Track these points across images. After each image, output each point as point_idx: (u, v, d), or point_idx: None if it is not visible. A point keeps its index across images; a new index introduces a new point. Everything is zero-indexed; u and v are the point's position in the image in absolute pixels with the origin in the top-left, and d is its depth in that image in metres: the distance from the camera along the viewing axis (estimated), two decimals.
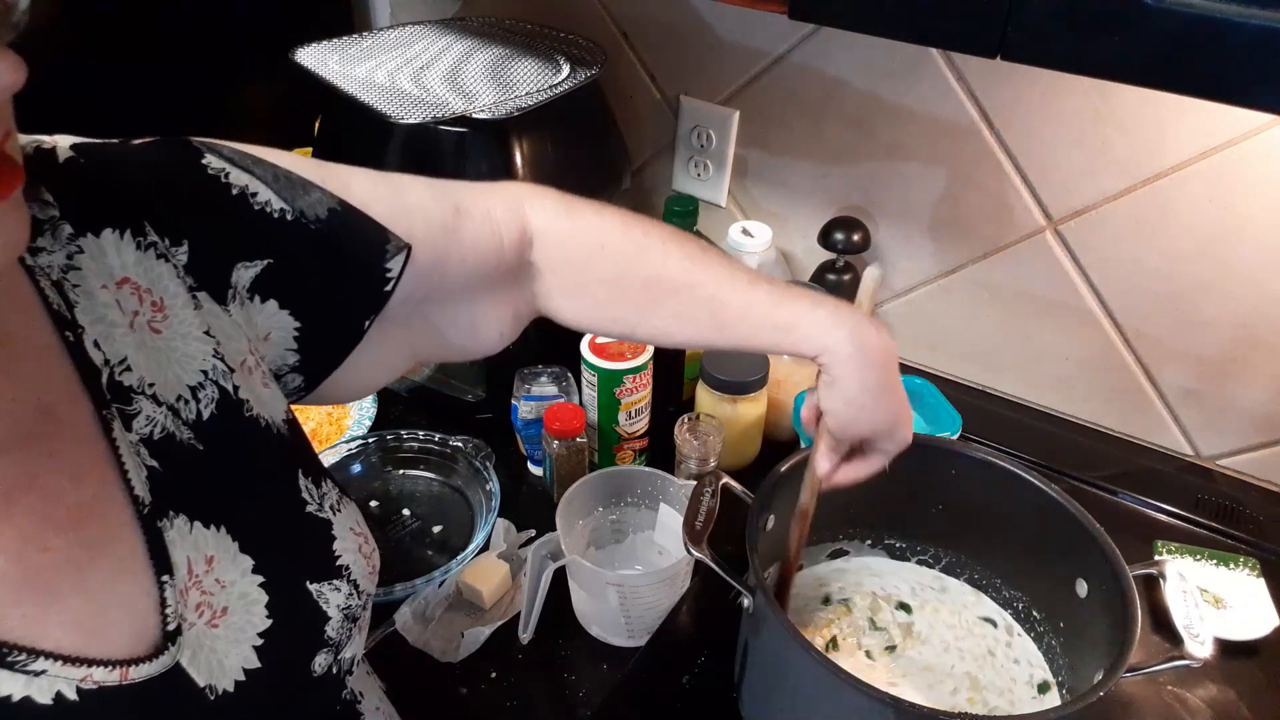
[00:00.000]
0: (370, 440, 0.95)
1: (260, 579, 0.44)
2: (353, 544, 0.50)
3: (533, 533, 0.88)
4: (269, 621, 0.44)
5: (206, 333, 0.45)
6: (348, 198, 0.50)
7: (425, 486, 0.95)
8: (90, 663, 0.37)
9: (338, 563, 0.49)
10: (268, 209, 0.46)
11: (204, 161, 0.45)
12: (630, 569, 0.83)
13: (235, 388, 0.45)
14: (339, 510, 0.51)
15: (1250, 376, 0.91)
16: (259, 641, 0.44)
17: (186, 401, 0.43)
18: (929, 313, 1.07)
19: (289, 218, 0.47)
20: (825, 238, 1.00)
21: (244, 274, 0.46)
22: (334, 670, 0.49)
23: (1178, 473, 0.97)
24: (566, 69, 0.92)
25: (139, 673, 0.39)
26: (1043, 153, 0.91)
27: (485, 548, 0.85)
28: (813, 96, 1.01)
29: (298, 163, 0.50)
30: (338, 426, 1.00)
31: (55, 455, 0.38)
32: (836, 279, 1.02)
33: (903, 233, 1.04)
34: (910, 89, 0.95)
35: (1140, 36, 0.50)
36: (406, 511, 0.91)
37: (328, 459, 0.92)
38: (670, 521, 0.81)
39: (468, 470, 0.93)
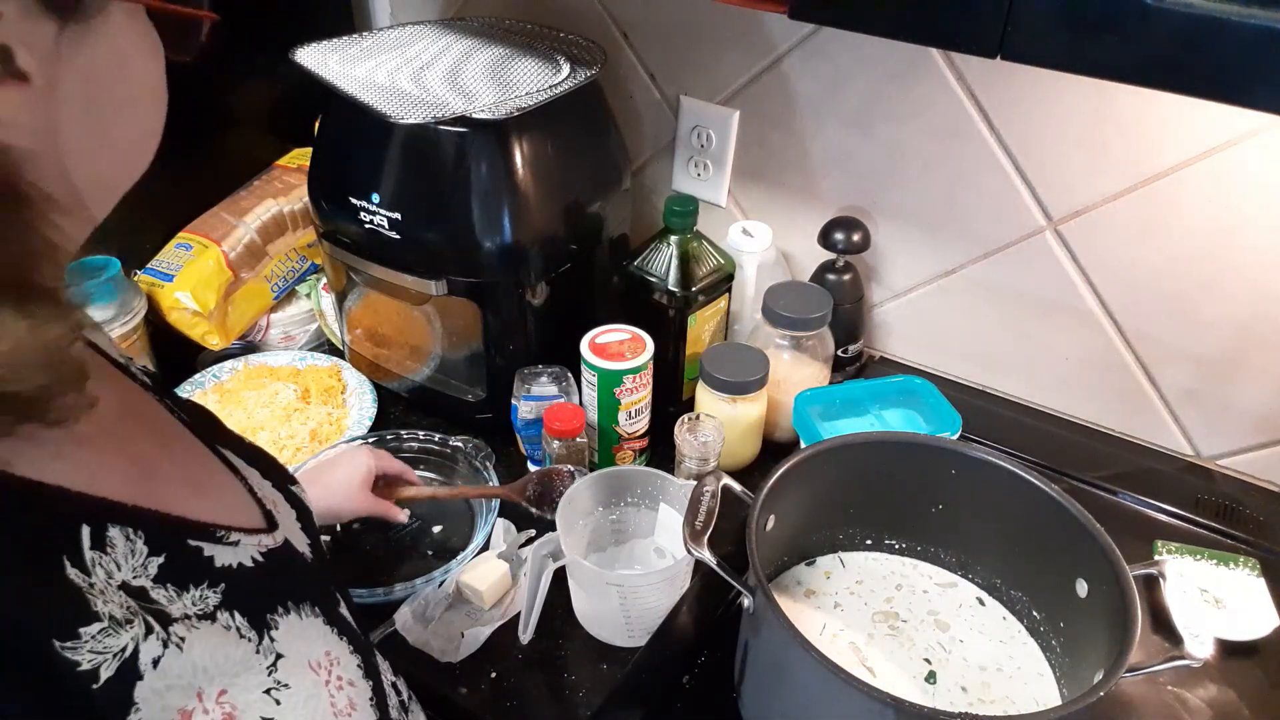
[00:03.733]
0: (370, 440, 0.95)
1: (270, 483, 0.53)
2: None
3: (533, 533, 0.88)
4: (295, 512, 0.53)
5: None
6: None
7: (425, 486, 0.95)
8: (249, 530, 0.45)
9: (289, 470, 0.58)
10: None
11: None
12: (630, 569, 0.83)
13: (130, 359, 0.51)
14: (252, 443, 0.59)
15: (1250, 376, 0.91)
16: (301, 525, 0.53)
17: (141, 374, 0.50)
18: (929, 313, 1.07)
19: None
20: (825, 238, 1.00)
21: None
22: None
23: (1178, 473, 0.97)
24: (566, 69, 0.92)
25: (271, 540, 0.46)
26: (1043, 153, 0.91)
27: (485, 548, 0.85)
28: (813, 96, 1.01)
29: None
30: (337, 427, 1.00)
31: (158, 433, 0.46)
32: (836, 279, 1.02)
33: (903, 233, 1.04)
34: (910, 89, 0.95)
35: (1140, 36, 0.50)
36: (406, 511, 0.91)
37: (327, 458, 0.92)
38: (670, 521, 0.81)
39: (468, 470, 0.93)
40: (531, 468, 0.96)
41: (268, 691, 0.39)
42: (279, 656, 0.41)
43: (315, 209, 0.97)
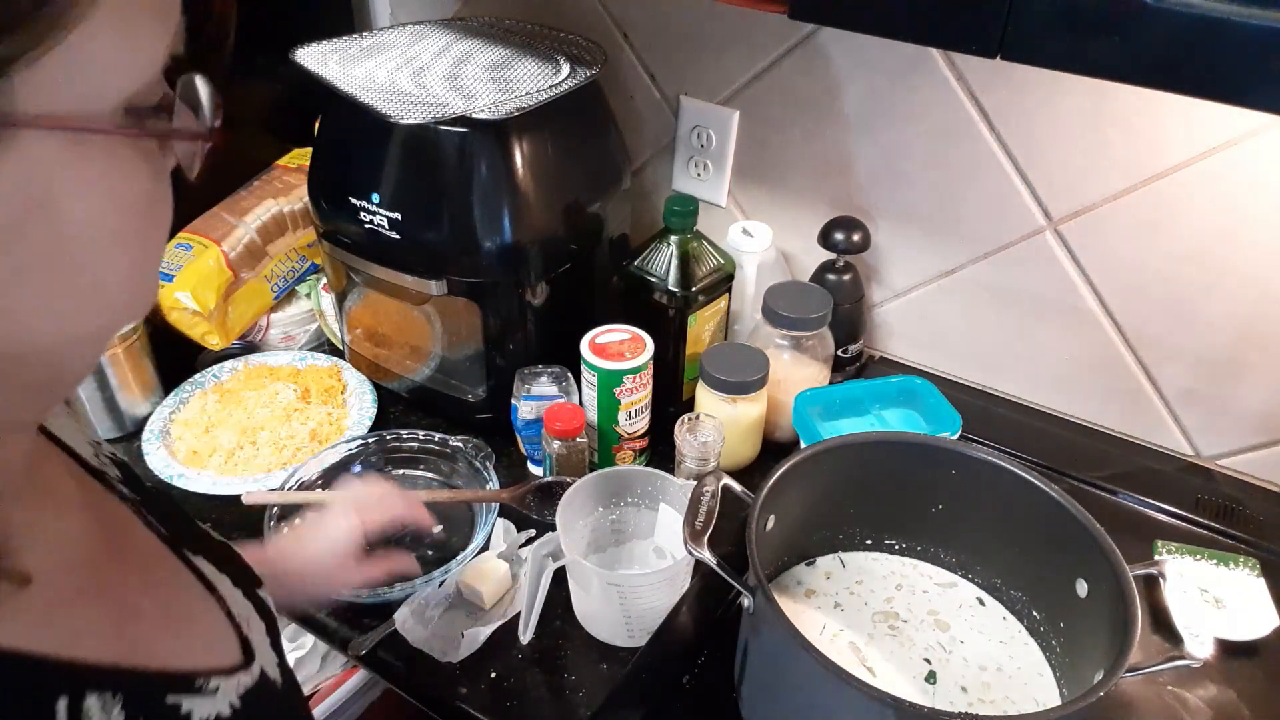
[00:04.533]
0: (370, 440, 0.95)
1: (240, 591, 0.49)
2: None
3: (533, 533, 0.88)
4: (263, 625, 0.49)
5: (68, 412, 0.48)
6: None
7: (425, 486, 0.95)
8: (228, 671, 0.42)
9: (254, 572, 0.53)
10: None
11: None
12: (630, 569, 0.83)
13: (99, 443, 0.49)
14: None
15: (1250, 376, 0.91)
16: (270, 640, 0.49)
17: (105, 465, 0.46)
18: (929, 313, 1.07)
19: None
20: (825, 238, 1.00)
21: None
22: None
23: (1178, 473, 0.97)
24: (566, 69, 0.92)
25: (248, 678, 0.43)
26: (1043, 153, 0.91)
27: (485, 548, 0.85)
28: (813, 96, 1.01)
29: None
30: (337, 426, 1.00)
31: (113, 518, 0.42)
32: (836, 279, 1.02)
33: (903, 233, 1.04)
34: (910, 89, 0.95)
35: (1140, 36, 0.50)
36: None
37: (327, 458, 0.92)
38: (670, 521, 0.81)
39: (468, 470, 0.93)
40: (531, 468, 0.96)
41: None
42: None
43: (315, 209, 0.97)
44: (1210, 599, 0.80)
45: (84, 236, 0.30)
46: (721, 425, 0.88)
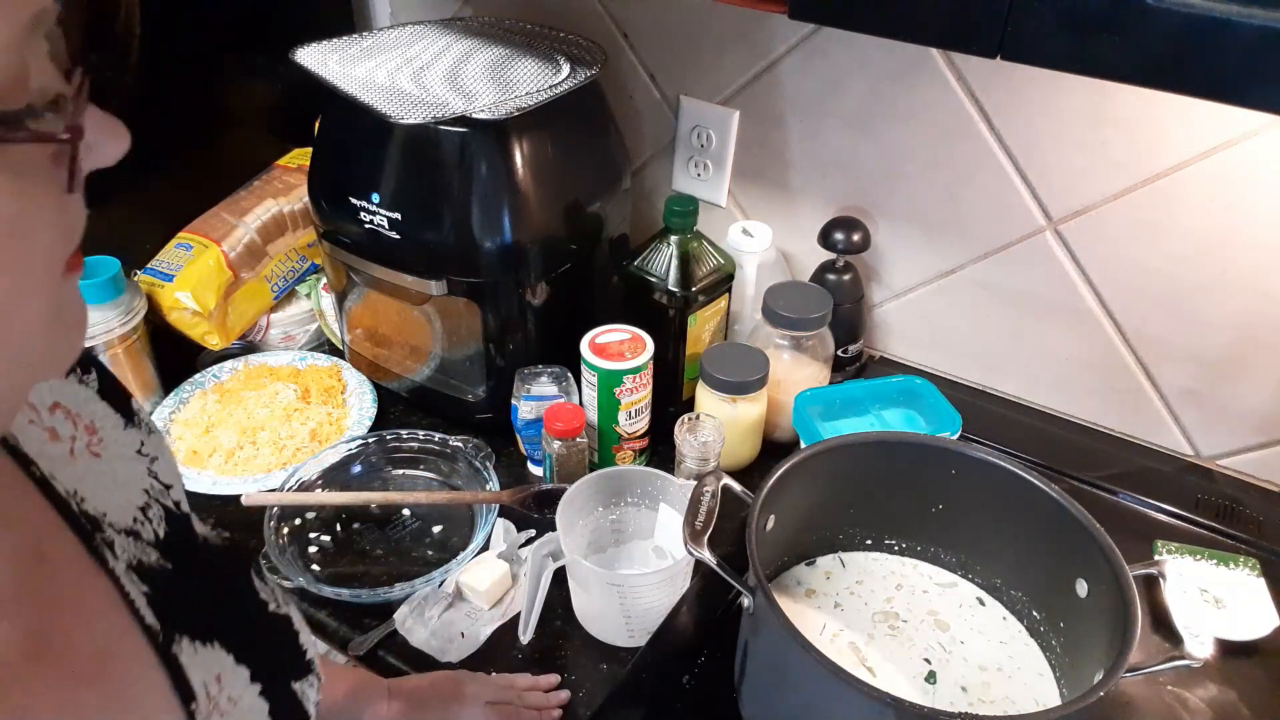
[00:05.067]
0: (370, 440, 0.95)
1: (258, 687, 0.43)
2: (310, 636, 0.49)
3: (533, 533, 0.88)
4: None
5: (138, 451, 0.44)
6: None
7: (425, 486, 0.95)
8: None
9: (307, 657, 0.48)
10: None
11: None
12: (630, 569, 0.83)
13: (176, 503, 0.44)
14: (288, 603, 0.50)
15: (1250, 376, 0.91)
16: None
17: (142, 523, 0.42)
18: (929, 313, 1.07)
19: None
20: (825, 238, 1.00)
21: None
22: None
23: (1178, 473, 0.97)
24: (566, 69, 0.92)
25: None
26: (1043, 153, 0.91)
27: (485, 548, 0.85)
28: (813, 96, 1.01)
29: None
30: (337, 426, 1.00)
31: (59, 603, 0.36)
32: (836, 279, 1.02)
33: (903, 233, 1.04)
34: (910, 89, 0.95)
35: (1140, 36, 0.50)
36: (406, 511, 0.91)
37: (327, 458, 0.92)
38: (670, 521, 0.81)
39: (468, 470, 0.93)
40: (531, 468, 0.96)
41: None
42: None
43: (315, 209, 0.97)
44: (1210, 599, 0.80)
45: None
46: (721, 425, 0.88)
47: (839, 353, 1.02)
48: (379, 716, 0.67)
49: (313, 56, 0.92)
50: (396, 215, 0.88)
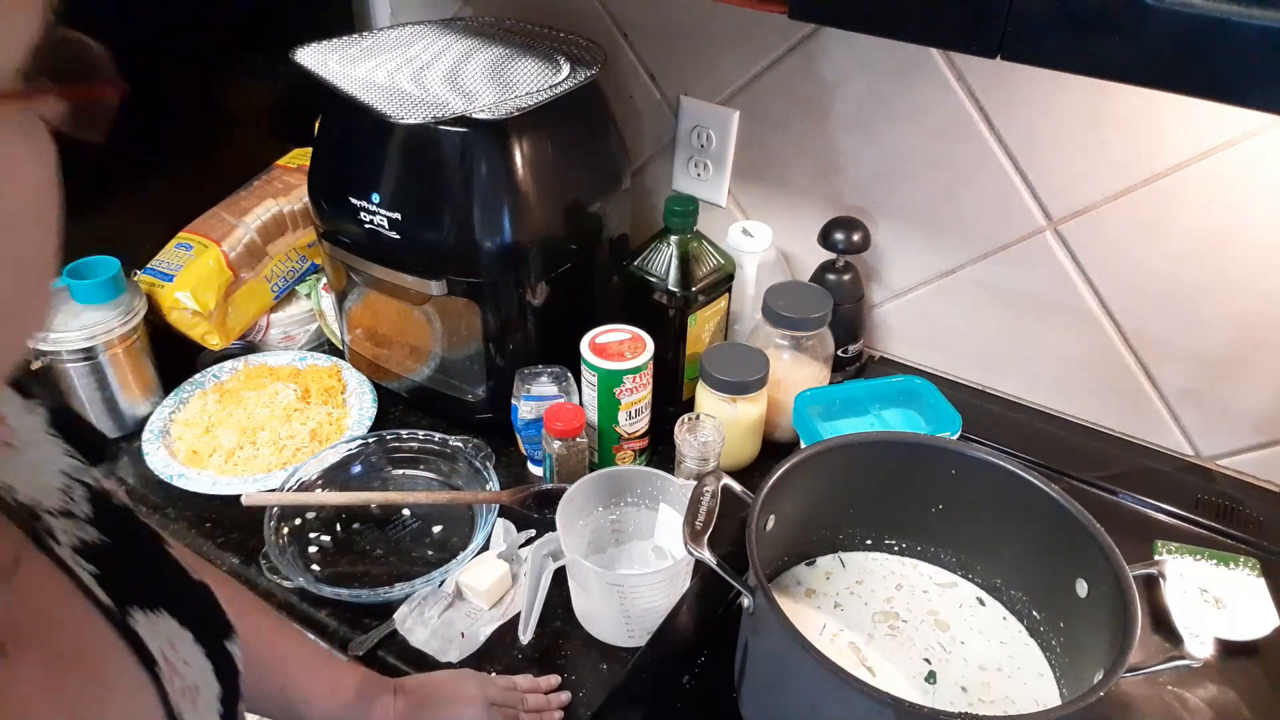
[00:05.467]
0: (370, 440, 0.95)
1: (202, 649, 0.45)
2: (226, 598, 0.50)
3: (533, 533, 0.88)
4: (219, 688, 0.45)
5: (47, 432, 0.44)
6: None
7: (425, 486, 0.95)
8: None
9: (226, 617, 0.49)
10: None
11: None
12: (630, 569, 0.83)
13: (95, 479, 0.45)
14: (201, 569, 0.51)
15: (1250, 376, 0.91)
16: (221, 709, 0.44)
17: (71, 503, 0.42)
18: (929, 313, 1.07)
19: None
20: (825, 238, 1.00)
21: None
22: None
23: (1178, 473, 0.97)
24: (566, 69, 0.92)
25: None
26: (1043, 153, 0.91)
27: (485, 548, 0.85)
28: (813, 96, 1.01)
29: None
30: (337, 426, 1.00)
31: (22, 596, 0.37)
32: (836, 279, 1.02)
33: (903, 233, 1.04)
34: (910, 89, 0.95)
35: (1140, 36, 0.50)
36: (406, 511, 0.91)
37: (327, 458, 0.92)
38: (670, 521, 0.81)
39: (468, 470, 0.93)
40: (531, 468, 0.96)
41: None
42: None
43: (315, 209, 0.97)
44: (1210, 599, 0.80)
45: None
46: (721, 425, 0.88)
47: (839, 353, 1.02)
48: (386, 714, 0.68)
49: (313, 56, 0.92)
50: (396, 215, 0.88)
